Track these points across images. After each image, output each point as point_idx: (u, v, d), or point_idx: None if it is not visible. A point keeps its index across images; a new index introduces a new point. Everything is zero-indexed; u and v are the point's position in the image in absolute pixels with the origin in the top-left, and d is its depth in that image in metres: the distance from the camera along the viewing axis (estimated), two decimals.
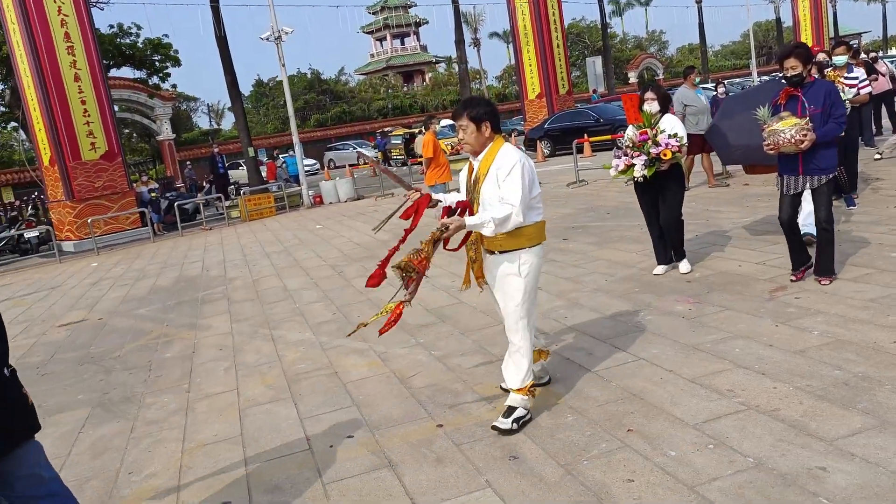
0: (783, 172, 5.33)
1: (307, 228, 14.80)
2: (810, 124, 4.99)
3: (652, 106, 6.09)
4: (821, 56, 8.66)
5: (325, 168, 37.56)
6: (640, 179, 6.07)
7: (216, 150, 22.97)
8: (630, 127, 6.22)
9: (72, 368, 6.53)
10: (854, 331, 4.35)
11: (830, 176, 5.17)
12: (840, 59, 8.52)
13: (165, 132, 37.84)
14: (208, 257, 12.73)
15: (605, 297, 5.94)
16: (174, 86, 32.24)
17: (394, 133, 36.01)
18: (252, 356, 5.98)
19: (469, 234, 3.86)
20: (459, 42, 28.14)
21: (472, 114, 3.72)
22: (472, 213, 3.73)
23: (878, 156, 11.17)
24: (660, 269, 6.45)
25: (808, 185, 5.21)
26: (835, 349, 4.13)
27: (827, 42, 48.62)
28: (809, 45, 44.16)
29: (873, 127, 13.32)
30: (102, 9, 22.20)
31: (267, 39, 19.67)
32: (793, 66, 5.10)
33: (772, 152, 5.17)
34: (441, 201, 3.92)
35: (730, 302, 5.27)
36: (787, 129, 5.01)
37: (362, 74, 75.39)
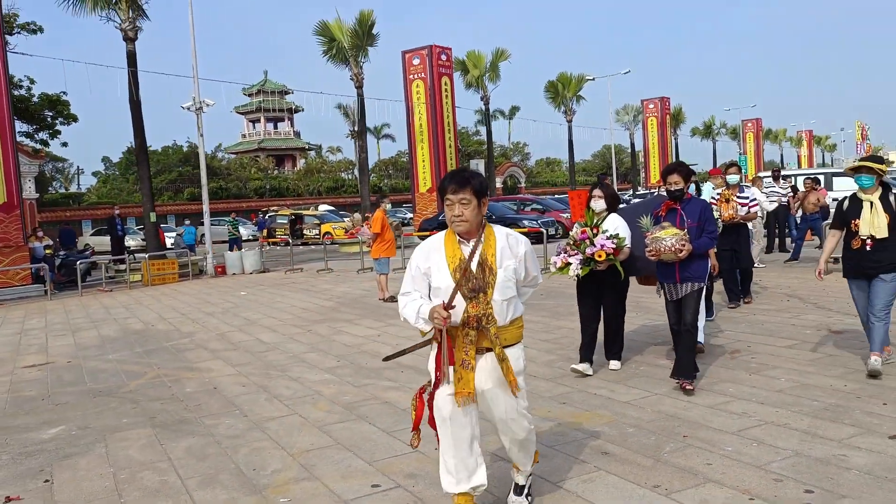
0: (663, 280, 5.80)
1: (231, 294, 15.01)
2: (688, 236, 5.50)
3: (598, 204, 6.19)
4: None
5: (202, 242, 37.02)
6: (576, 278, 6.16)
7: (117, 212, 22.49)
8: (576, 224, 6.39)
9: (88, 400, 6.69)
10: (811, 378, 5.71)
11: (702, 284, 5.67)
12: (733, 178, 10.26)
13: (28, 191, 35.88)
14: (139, 314, 12.68)
15: (594, 354, 7.03)
16: (64, 144, 31.00)
17: (280, 213, 36.40)
18: (285, 391, 6.50)
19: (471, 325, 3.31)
20: (361, 132, 29.60)
21: (477, 186, 3.29)
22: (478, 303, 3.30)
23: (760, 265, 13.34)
24: (582, 366, 6.27)
25: (685, 291, 5.66)
26: (804, 389, 5.44)
27: None
28: (656, 169, 49.08)
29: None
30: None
31: (188, 109, 20.02)
32: (675, 181, 5.67)
33: (653, 258, 5.61)
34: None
35: (702, 359, 6.53)
36: (668, 238, 5.43)
37: (232, 153, 75.05)
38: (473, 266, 3.31)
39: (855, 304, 5.97)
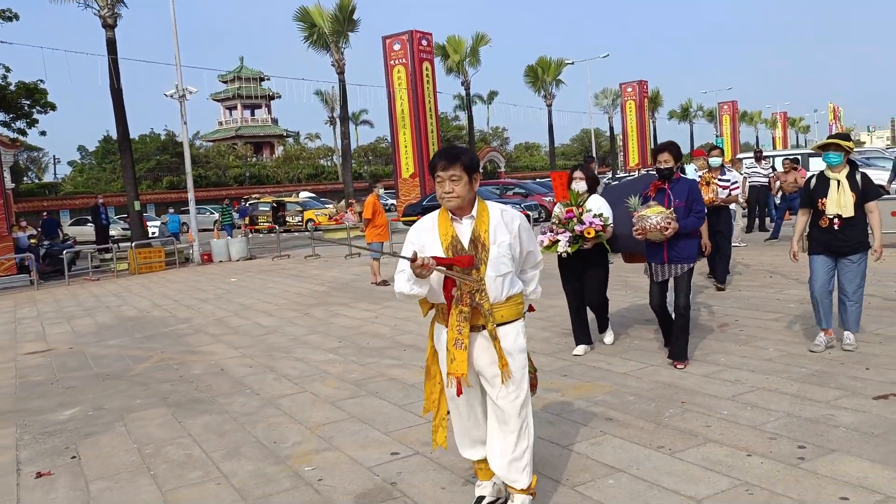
0: (651, 260, 5.83)
1: (221, 281, 15.10)
2: (674, 214, 5.54)
3: (580, 185, 6.33)
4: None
5: (189, 231, 36.89)
6: (564, 255, 6.18)
7: (100, 201, 22.41)
8: (558, 204, 6.50)
9: (97, 383, 6.83)
10: (797, 348, 6.00)
11: (692, 265, 5.70)
12: (715, 161, 10.35)
13: (5, 181, 35.55)
14: (132, 302, 12.77)
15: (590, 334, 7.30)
16: (43, 133, 30.72)
17: (262, 200, 36.32)
18: (292, 371, 6.69)
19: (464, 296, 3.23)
20: (343, 118, 29.62)
21: (467, 162, 3.22)
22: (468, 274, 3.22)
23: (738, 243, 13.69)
24: (579, 349, 6.44)
25: (673, 272, 5.71)
26: (791, 358, 5.73)
27: (649, 149, 55.51)
28: (635, 152, 49.27)
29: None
30: None
31: (171, 97, 19.97)
32: (665, 160, 5.72)
33: (639, 237, 5.64)
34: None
35: (693, 333, 6.79)
36: (654, 216, 5.49)
37: (209, 141, 74.51)
38: (465, 242, 3.24)
39: (812, 279, 5.81)
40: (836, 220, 5.57)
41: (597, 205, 6.24)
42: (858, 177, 5.62)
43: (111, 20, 21.09)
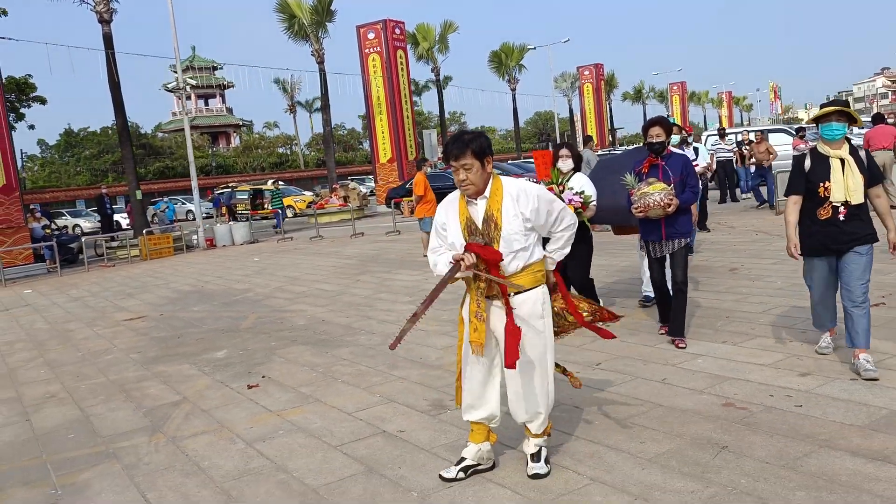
0: (647, 238, 5.80)
1: (246, 261, 16.20)
2: (674, 191, 5.52)
3: (566, 163, 6.38)
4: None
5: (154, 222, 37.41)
6: None
7: (104, 191, 23.13)
8: (541, 182, 6.30)
9: (220, 335, 8.05)
10: (800, 279, 7.60)
11: (687, 240, 5.75)
12: (674, 138, 11.10)
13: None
14: (175, 280, 13.84)
15: (602, 291, 8.82)
16: (31, 126, 30.93)
17: (239, 188, 37.03)
18: (388, 317, 8.02)
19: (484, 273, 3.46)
20: (325, 107, 30.63)
21: (476, 148, 3.39)
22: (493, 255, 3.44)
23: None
24: None
25: (670, 248, 5.70)
26: (800, 287, 7.28)
27: (606, 131, 57.66)
28: (593, 133, 50.95)
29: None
30: None
31: (171, 91, 20.79)
32: (657, 134, 5.65)
33: (640, 215, 5.57)
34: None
35: (708, 274, 8.38)
36: (656, 193, 5.43)
37: (165, 132, 74.17)
38: (479, 222, 3.47)
39: (811, 285, 5.11)
40: (841, 209, 4.56)
41: (580, 182, 6.29)
42: (863, 154, 4.63)
43: (107, 15, 21.74)
